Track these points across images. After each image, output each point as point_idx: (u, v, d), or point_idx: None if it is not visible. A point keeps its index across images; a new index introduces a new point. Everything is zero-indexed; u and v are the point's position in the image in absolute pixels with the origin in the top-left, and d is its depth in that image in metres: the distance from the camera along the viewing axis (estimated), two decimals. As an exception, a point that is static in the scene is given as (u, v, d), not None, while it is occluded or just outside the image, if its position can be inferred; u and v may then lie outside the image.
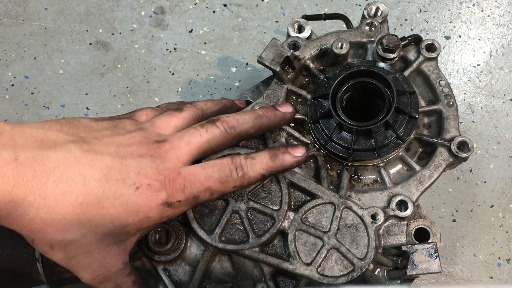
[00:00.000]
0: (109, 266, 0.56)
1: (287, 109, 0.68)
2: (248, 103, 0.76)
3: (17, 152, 0.48)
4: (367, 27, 0.75)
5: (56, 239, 0.51)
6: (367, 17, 0.76)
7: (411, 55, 0.74)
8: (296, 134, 0.71)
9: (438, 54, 0.73)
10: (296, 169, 0.69)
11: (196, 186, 0.57)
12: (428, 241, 0.66)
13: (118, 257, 0.56)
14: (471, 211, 0.96)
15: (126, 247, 0.57)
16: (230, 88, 1.05)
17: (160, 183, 0.55)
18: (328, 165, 0.70)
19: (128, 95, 1.05)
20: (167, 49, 1.09)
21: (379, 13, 0.76)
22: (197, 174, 0.57)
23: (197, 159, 0.61)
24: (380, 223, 0.64)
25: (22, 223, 0.50)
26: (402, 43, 0.72)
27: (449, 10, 1.12)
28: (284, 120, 0.68)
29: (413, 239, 0.67)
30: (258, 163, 0.61)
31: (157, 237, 0.64)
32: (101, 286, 0.57)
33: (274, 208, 0.65)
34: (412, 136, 0.70)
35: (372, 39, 0.74)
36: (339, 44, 0.72)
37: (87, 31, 1.10)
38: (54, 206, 0.49)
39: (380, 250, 0.65)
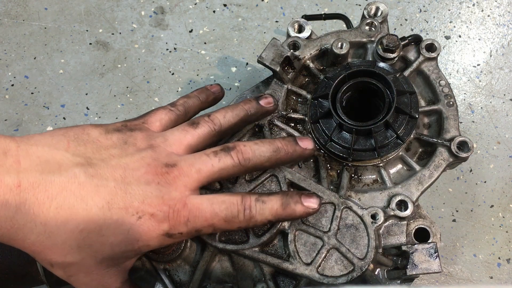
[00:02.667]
0: (108, 285, 0.57)
1: (307, 145, 0.64)
2: None
3: (20, 177, 0.48)
4: (367, 27, 0.75)
5: (55, 261, 0.52)
6: (367, 17, 0.76)
7: (411, 55, 0.74)
8: (296, 134, 0.71)
9: (438, 54, 0.73)
10: (296, 169, 0.69)
11: (200, 221, 0.56)
12: (428, 241, 0.66)
13: (117, 277, 0.57)
14: (471, 211, 0.96)
15: (125, 267, 0.58)
16: (230, 88, 1.05)
17: (163, 214, 0.53)
18: (328, 165, 0.70)
19: (128, 95, 1.05)
20: (167, 49, 1.09)
21: (379, 13, 0.76)
22: (203, 209, 0.56)
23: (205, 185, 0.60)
24: (380, 223, 0.64)
25: (23, 245, 0.50)
26: (402, 43, 0.72)
27: (449, 10, 1.12)
28: (302, 157, 0.64)
29: (413, 239, 0.67)
30: (268, 209, 0.58)
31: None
32: None
33: (274, 208, 0.64)
34: (412, 136, 0.70)
35: (372, 39, 0.74)
36: (339, 44, 0.72)
37: (87, 31, 1.10)
38: (55, 233, 0.50)
39: (380, 250, 0.65)
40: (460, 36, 1.10)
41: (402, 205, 0.66)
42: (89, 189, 0.51)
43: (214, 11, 1.13)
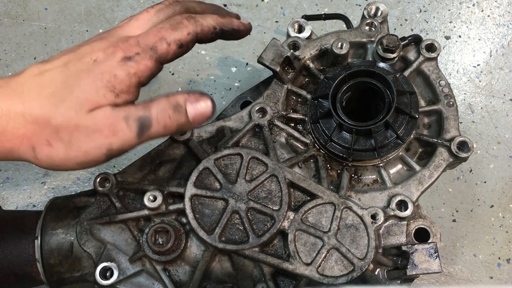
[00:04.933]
0: (103, 117, 0.55)
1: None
2: (247, 103, 0.76)
3: None
4: (367, 27, 0.75)
5: (48, 132, 0.54)
6: (367, 17, 0.76)
7: (411, 55, 0.74)
8: (296, 134, 0.71)
9: (438, 54, 0.73)
10: (296, 169, 0.69)
11: (149, 38, 0.58)
12: (428, 241, 0.66)
13: (104, 108, 0.55)
14: (471, 211, 0.96)
15: (112, 103, 0.56)
16: (230, 88, 1.05)
17: (114, 47, 0.57)
18: (328, 165, 0.70)
19: (128, 95, 1.05)
20: (167, 49, 1.09)
21: (379, 13, 0.76)
22: (149, 30, 0.60)
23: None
24: (380, 223, 0.64)
25: (17, 134, 0.54)
26: (402, 43, 0.72)
27: (449, 10, 1.12)
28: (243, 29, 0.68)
29: (413, 239, 0.67)
30: (209, 16, 0.63)
31: (157, 237, 0.64)
32: (119, 136, 0.55)
33: (274, 208, 0.65)
34: (412, 136, 0.70)
35: (372, 39, 0.74)
36: (339, 44, 0.72)
37: (87, 31, 1.10)
38: (34, 101, 0.54)
39: (380, 250, 0.65)
40: (460, 36, 1.10)
41: (402, 205, 0.66)
42: (47, 64, 0.57)
43: (214, 11, 1.13)
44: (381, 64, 0.70)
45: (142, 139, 0.56)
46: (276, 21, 1.11)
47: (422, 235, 0.67)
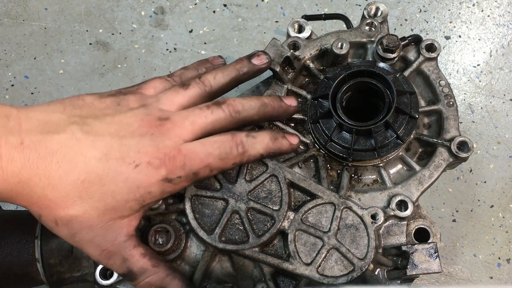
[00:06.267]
0: (112, 239, 0.57)
1: (291, 102, 0.68)
2: None
3: (23, 136, 0.51)
4: (367, 27, 0.75)
5: (59, 215, 0.54)
6: (367, 17, 0.76)
7: (411, 55, 0.74)
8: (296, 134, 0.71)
9: (438, 54, 0.73)
10: (296, 169, 0.69)
11: (196, 163, 0.58)
12: (428, 241, 0.66)
13: (121, 230, 0.57)
14: (471, 211, 0.96)
15: (130, 221, 0.58)
16: (230, 88, 1.05)
17: (160, 160, 0.56)
18: (328, 165, 0.70)
19: (128, 95, 1.05)
20: (167, 49, 1.09)
21: (379, 13, 0.76)
22: (197, 151, 0.58)
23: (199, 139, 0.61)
24: (380, 223, 0.64)
25: (31, 200, 0.53)
26: (402, 43, 0.72)
27: (449, 10, 1.12)
28: (287, 113, 0.68)
29: (413, 239, 0.67)
30: (259, 143, 0.62)
31: (157, 237, 0.64)
32: (109, 262, 0.58)
33: (274, 208, 0.65)
34: (412, 136, 0.70)
35: (372, 39, 0.74)
36: (339, 44, 0.72)
37: (87, 31, 1.10)
38: (57, 185, 0.52)
39: (380, 250, 0.65)
40: (460, 36, 1.10)
41: (402, 205, 0.66)
42: (85, 143, 0.54)
43: (214, 11, 1.13)
44: (381, 64, 0.70)
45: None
46: (276, 21, 1.11)
47: (422, 235, 0.67)
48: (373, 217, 0.65)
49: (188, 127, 0.59)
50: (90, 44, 1.09)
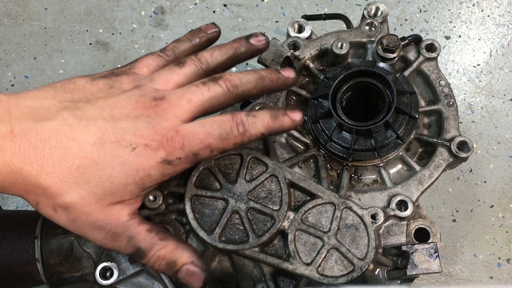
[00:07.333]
0: (115, 221, 0.55)
1: (289, 74, 0.65)
2: (247, 103, 0.76)
3: (13, 124, 0.50)
4: (367, 27, 0.75)
5: (57, 202, 0.53)
6: (367, 17, 0.76)
7: (411, 55, 0.75)
8: (296, 134, 0.71)
9: (438, 54, 0.73)
10: (296, 169, 0.69)
11: (195, 144, 0.56)
12: (428, 241, 0.66)
13: (123, 211, 0.56)
14: (471, 211, 0.96)
15: (130, 204, 0.57)
16: (230, 88, 1.05)
17: (157, 142, 0.54)
18: (328, 165, 0.70)
19: (128, 95, 1.05)
20: (167, 49, 1.09)
21: (379, 13, 0.76)
22: (196, 132, 0.56)
23: (198, 117, 0.60)
24: (380, 223, 0.64)
25: (25, 189, 0.52)
26: (402, 43, 0.72)
27: (449, 10, 1.12)
28: (285, 84, 0.65)
29: (413, 239, 0.67)
30: (259, 121, 0.59)
31: (157, 237, 0.64)
32: (115, 244, 0.57)
33: (274, 208, 0.65)
34: (412, 136, 0.70)
35: (372, 39, 0.74)
36: (339, 44, 0.72)
37: (87, 31, 1.10)
38: (52, 172, 0.51)
39: (380, 250, 0.65)
40: (460, 36, 1.10)
41: (402, 205, 0.66)
42: (78, 129, 0.52)
43: (214, 11, 1.13)
44: (381, 64, 0.70)
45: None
46: (276, 21, 1.11)
47: (422, 235, 0.67)
48: (373, 217, 0.65)
49: (185, 106, 0.57)
50: (90, 44, 1.09)
